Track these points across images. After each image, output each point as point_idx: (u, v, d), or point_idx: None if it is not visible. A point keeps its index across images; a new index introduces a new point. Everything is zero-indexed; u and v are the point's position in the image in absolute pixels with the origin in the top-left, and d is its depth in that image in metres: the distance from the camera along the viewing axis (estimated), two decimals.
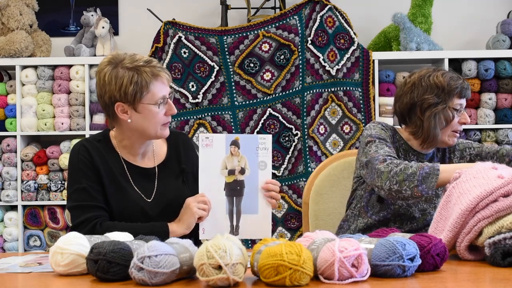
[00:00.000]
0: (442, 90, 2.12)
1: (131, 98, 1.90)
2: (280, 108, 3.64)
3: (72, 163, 1.99)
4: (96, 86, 1.99)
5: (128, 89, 1.90)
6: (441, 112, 2.12)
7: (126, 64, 1.92)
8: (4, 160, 3.69)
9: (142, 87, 1.90)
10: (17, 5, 3.70)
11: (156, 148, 2.10)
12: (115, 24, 3.90)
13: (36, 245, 3.68)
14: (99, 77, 1.95)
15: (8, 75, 3.83)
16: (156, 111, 1.94)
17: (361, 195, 2.20)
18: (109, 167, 1.98)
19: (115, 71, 1.92)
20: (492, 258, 1.50)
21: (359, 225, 2.18)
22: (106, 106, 1.96)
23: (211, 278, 1.28)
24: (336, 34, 3.61)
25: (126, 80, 1.90)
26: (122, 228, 1.82)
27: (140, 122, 1.94)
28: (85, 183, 1.94)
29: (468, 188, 1.64)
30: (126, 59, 1.93)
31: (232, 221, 1.92)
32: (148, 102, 1.92)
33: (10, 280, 1.51)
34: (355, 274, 1.32)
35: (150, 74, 1.91)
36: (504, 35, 3.67)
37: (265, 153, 1.93)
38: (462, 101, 2.15)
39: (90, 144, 2.00)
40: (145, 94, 1.91)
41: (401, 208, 2.13)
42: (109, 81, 1.92)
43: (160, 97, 1.93)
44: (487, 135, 3.63)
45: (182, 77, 3.64)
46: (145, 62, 1.93)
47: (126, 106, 1.92)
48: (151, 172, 2.05)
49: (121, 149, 2.03)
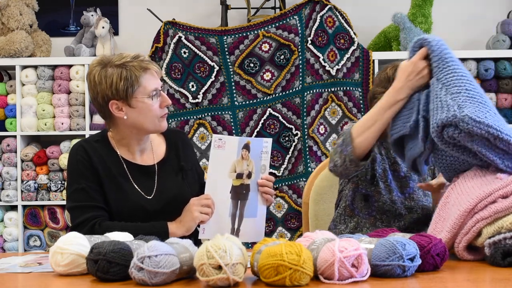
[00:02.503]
0: (387, 80, 2.15)
1: (123, 94, 1.92)
2: (280, 108, 3.64)
3: (70, 164, 2.00)
4: (88, 89, 2.01)
5: (119, 85, 1.92)
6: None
7: (114, 63, 1.94)
8: (4, 160, 3.69)
9: (132, 81, 1.92)
10: (17, 5, 3.70)
11: (155, 146, 2.10)
12: (115, 24, 3.90)
13: (36, 245, 3.68)
14: (89, 79, 1.97)
15: (8, 75, 3.83)
16: (150, 104, 1.95)
17: (346, 194, 2.22)
18: (108, 166, 1.98)
19: (104, 70, 1.94)
20: (492, 258, 1.50)
21: (349, 226, 2.18)
22: (101, 107, 1.97)
23: (211, 278, 1.28)
24: (336, 34, 3.61)
25: (116, 77, 1.92)
26: (121, 228, 1.82)
27: (136, 117, 1.95)
28: (84, 183, 1.95)
29: (467, 189, 1.64)
30: (114, 58, 1.96)
31: (234, 224, 1.92)
32: (141, 96, 1.93)
33: (10, 280, 1.52)
34: (355, 274, 1.32)
35: (138, 68, 1.94)
36: (504, 35, 3.67)
37: (266, 157, 1.94)
38: None
39: (88, 145, 2.01)
40: (136, 88, 1.93)
41: (385, 205, 2.15)
42: (99, 81, 1.94)
43: (152, 89, 1.95)
44: None
45: (182, 77, 3.64)
46: (132, 58, 1.95)
47: (120, 103, 1.94)
48: (150, 169, 2.05)
49: (120, 148, 2.03)
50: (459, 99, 1.65)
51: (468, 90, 1.67)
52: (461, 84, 1.68)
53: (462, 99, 1.65)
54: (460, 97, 1.66)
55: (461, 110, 1.62)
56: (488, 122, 1.60)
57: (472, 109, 1.62)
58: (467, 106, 1.63)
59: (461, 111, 1.62)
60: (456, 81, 1.69)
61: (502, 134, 1.60)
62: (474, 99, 1.65)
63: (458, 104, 1.64)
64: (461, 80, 1.69)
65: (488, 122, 1.60)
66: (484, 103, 1.66)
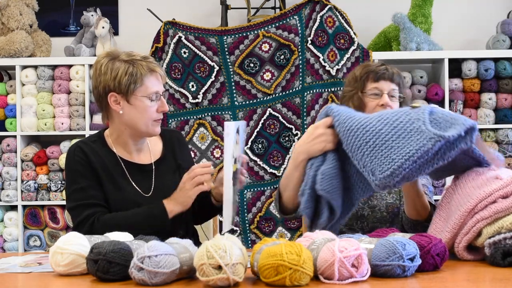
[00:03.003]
0: (355, 80, 2.16)
1: (125, 89, 1.94)
2: (280, 108, 3.64)
3: (68, 165, 2.02)
4: (92, 77, 2.03)
5: (122, 79, 1.93)
6: (349, 100, 2.16)
7: (123, 58, 1.97)
8: (4, 160, 3.69)
9: (136, 78, 1.94)
10: (17, 5, 3.70)
11: (152, 145, 2.12)
12: (115, 24, 3.90)
13: (36, 245, 3.68)
14: (95, 68, 1.99)
15: (8, 75, 3.83)
16: (148, 105, 1.96)
17: None
18: (105, 165, 1.99)
19: (112, 62, 1.96)
20: (492, 258, 1.50)
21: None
22: (100, 97, 1.99)
23: (211, 278, 1.28)
24: (336, 34, 3.61)
25: (122, 71, 1.94)
26: (120, 218, 1.85)
27: (131, 115, 1.96)
28: (82, 182, 1.96)
29: (467, 190, 1.64)
30: (124, 54, 1.99)
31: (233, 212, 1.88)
32: (141, 94, 1.95)
33: (10, 280, 1.52)
34: (355, 274, 1.32)
35: (145, 68, 1.96)
36: (504, 35, 3.67)
37: (244, 139, 1.90)
38: (378, 84, 2.13)
39: (85, 145, 2.02)
40: (138, 86, 1.94)
41: None
42: (104, 71, 1.96)
43: (154, 92, 1.97)
44: (487, 135, 3.63)
45: (182, 77, 3.64)
46: (142, 58, 1.98)
47: (119, 97, 1.96)
48: (148, 168, 2.06)
49: (117, 146, 2.05)
50: (367, 164, 1.60)
51: (371, 144, 1.60)
52: (362, 142, 1.62)
53: (368, 161, 1.60)
54: (366, 161, 1.60)
55: (374, 177, 1.58)
56: (400, 163, 1.54)
57: (380, 166, 1.57)
58: (375, 167, 1.58)
59: (374, 178, 1.58)
60: (358, 144, 1.63)
61: (416, 157, 1.54)
62: (379, 151, 1.58)
63: (369, 171, 1.59)
64: (363, 138, 1.62)
65: (400, 163, 1.54)
66: (394, 139, 1.59)
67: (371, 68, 2.16)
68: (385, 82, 2.13)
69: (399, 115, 1.63)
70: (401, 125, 1.60)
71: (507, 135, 3.59)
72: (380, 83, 2.13)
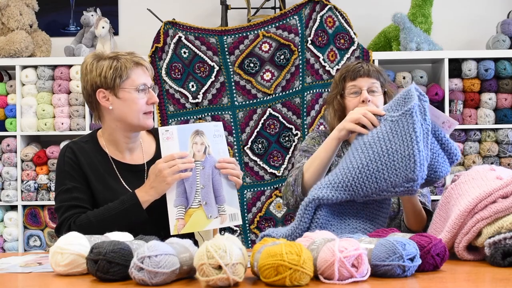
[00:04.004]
0: (336, 84, 2.20)
1: (111, 83, 1.95)
2: (280, 108, 3.64)
3: (58, 165, 2.03)
4: (80, 79, 2.05)
5: (107, 73, 1.95)
6: (330, 105, 2.20)
7: (108, 56, 2.00)
8: (4, 160, 3.69)
9: (121, 72, 1.96)
10: (17, 5, 3.70)
11: (145, 145, 2.12)
12: (115, 24, 3.90)
13: (36, 245, 3.68)
14: (81, 69, 2.02)
15: (8, 75, 3.83)
16: (136, 97, 1.97)
17: None
18: (95, 166, 2.00)
19: (96, 61, 1.99)
20: (492, 258, 1.50)
21: None
22: (89, 96, 2.01)
23: (211, 278, 1.28)
24: (336, 34, 3.61)
25: (106, 66, 1.96)
26: (94, 216, 1.85)
27: (121, 109, 1.97)
28: (69, 184, 1.97)
29: (467, 190, 1.64)
30: (109, 53, 2.02)
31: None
32: (128, 87, 1.96)
33: (10, 280, 1.51)
34: (355, 274, 1.32)
35: (130, 61, 1.98)
36: (504, 35, 3.67)
37: (220, 140, 1.89)
38: (356, 82, 2.14)
39: (76, 146, 2.03)
40: (125, 79, 1.96)
41: None
42: (90, 70, 1.98)
43: (141, 83, 1.98)
44: (487, 135, 3.63)
45: (182, 77, 3.64)
46: (127, 53, 2.01)
47: (107, 92, 1.97)
48: (140, 168, 2.06)
49: (109, 146, 2.05)
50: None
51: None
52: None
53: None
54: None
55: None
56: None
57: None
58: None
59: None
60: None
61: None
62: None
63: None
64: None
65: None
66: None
67: (348, 68, 2.19)
68: (362, 79, 2.15)
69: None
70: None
71: (507, 135, 3.59)
72: (358, 80, 2.15)
